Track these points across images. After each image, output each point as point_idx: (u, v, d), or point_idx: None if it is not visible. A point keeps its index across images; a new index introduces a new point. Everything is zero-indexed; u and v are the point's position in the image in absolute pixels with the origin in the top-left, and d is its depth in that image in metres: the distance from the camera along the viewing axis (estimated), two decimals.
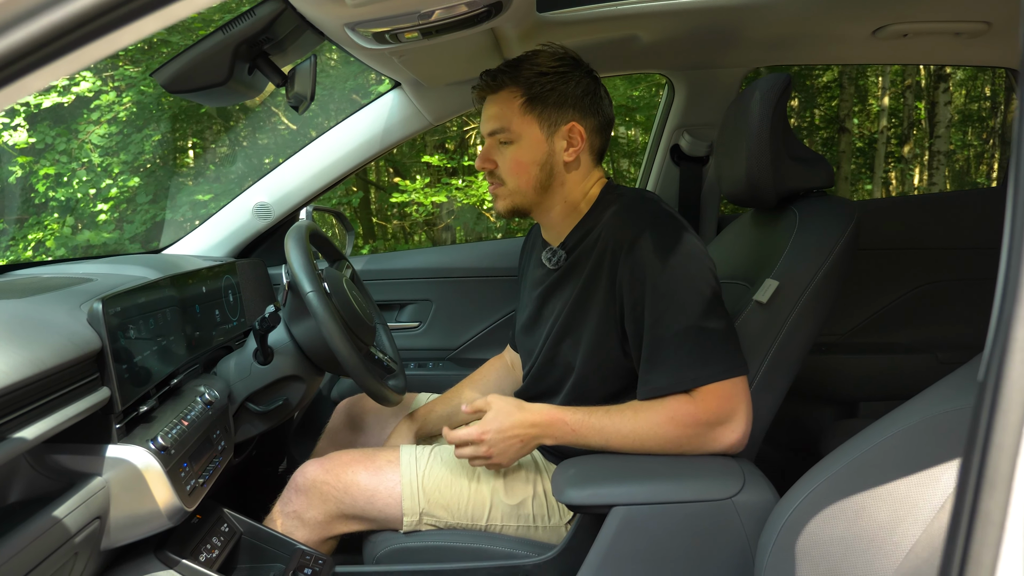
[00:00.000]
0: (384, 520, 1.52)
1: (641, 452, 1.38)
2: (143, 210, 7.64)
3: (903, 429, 1.08)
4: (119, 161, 7.63)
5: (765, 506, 1.29)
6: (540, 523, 1.52)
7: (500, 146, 1.51)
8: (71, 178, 7.51)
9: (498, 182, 1.53)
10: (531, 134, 1.48)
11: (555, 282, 1.57)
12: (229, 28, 1.20)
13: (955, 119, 11.57)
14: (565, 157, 1.50)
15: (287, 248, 1.51)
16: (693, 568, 1.32)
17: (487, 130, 1.51)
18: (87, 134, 7.45)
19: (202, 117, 8.60)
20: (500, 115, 1.49)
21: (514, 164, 1.49)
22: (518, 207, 1.54)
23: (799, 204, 1.59)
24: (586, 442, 1.40)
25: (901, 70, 10.73)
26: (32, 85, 0.61)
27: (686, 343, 1.34)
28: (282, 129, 8.77)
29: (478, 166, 1.55)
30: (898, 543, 1.03)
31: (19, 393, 0.95)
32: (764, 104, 1.52)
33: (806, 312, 1.45)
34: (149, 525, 1.20)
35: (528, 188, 1.50)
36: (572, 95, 1.48)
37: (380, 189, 9.80)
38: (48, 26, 0.59)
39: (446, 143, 9.27)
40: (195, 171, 8.71)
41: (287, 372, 1.58)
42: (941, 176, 9.04)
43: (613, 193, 1.54)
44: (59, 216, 7.55)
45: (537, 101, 1.47)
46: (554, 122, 1.48)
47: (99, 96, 7.47)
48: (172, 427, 1.26)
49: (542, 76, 1.46)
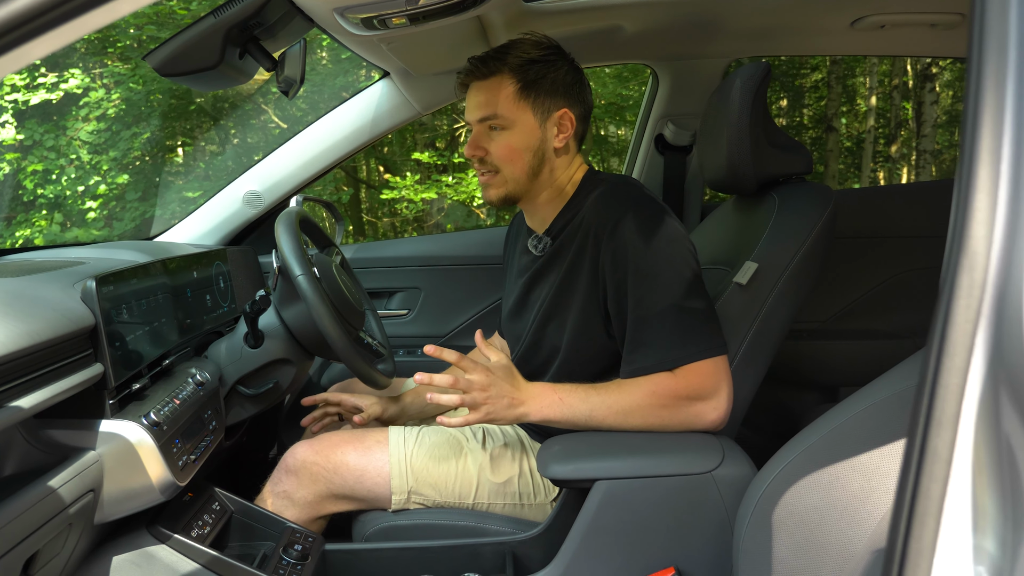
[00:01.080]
0: (373, 499, 1.55)
1: (624, 428, 1.41)
2: (132, 207, 7.62)
3: (874, 403, 1.11)
4: (108, 158, 7.61)
5: (744, 479, 1.32)
6: (526, 501, 1.55)
7: (491, 132, 1.51)
8: (60, 175, 7.48)
9: (489, 169, 1.53)
10: (525, 120, 1.49)
11: (540, 268, 1.59)
12: (220, 12, 1.23)
13: (941, 119, 11.65)
14: (556, 143, 1.53)
15: (277, 233, 1.53)
16: (673, 540, 1.35)
17: (477, 116, 1.51)
18: (76, 131, 7.43)
19: (191, 114, 8.58)
20: (492, 101, 1.49)
21: (507, 150, 1.50)
22: (510, 194, 1.54)
23: (779, 189, 1.62)
24: (571, 414, 1.41)
25: (888, 70, 10.81)
26: (34, 52, 0.63)
27: (667, 323, 1.37)
28: (272, 127, 8.76)
29: (468, 153, 1.54)
30: (871, 511, 1.07)
31: (15, 364, 0.97)
32: (745, 92, 1.56)
33: (785, 293, 1.48)
34: (142, 499, 1.23)
35: (521, 175, 1.51)
36: (563, 82, 1.52)
37: (370, 187, 9.81)
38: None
39: (436, 141, 9.28)
40: (185, 168, 8.69)
41: (277, 355, 1.60)
42: (928, 175, 9.11)
43: (596, 178, 1.57)
44: (47, 213, 7.52)
45: (531, 88, 1.48)
46: (547, 109, 1.50)
47: (88, 93, 7.45)
48: (164, 405, 1.28)
49: (533, 63, 1.48)
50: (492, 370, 1.39)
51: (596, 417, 1.41)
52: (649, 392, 1.38)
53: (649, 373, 1.39)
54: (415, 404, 1.78)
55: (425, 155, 8.20)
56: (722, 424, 1.41)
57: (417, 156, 8.23)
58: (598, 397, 1.41)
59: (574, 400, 1.41)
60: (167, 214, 7.79)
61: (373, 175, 9.87)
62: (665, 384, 1.38)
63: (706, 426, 1.40)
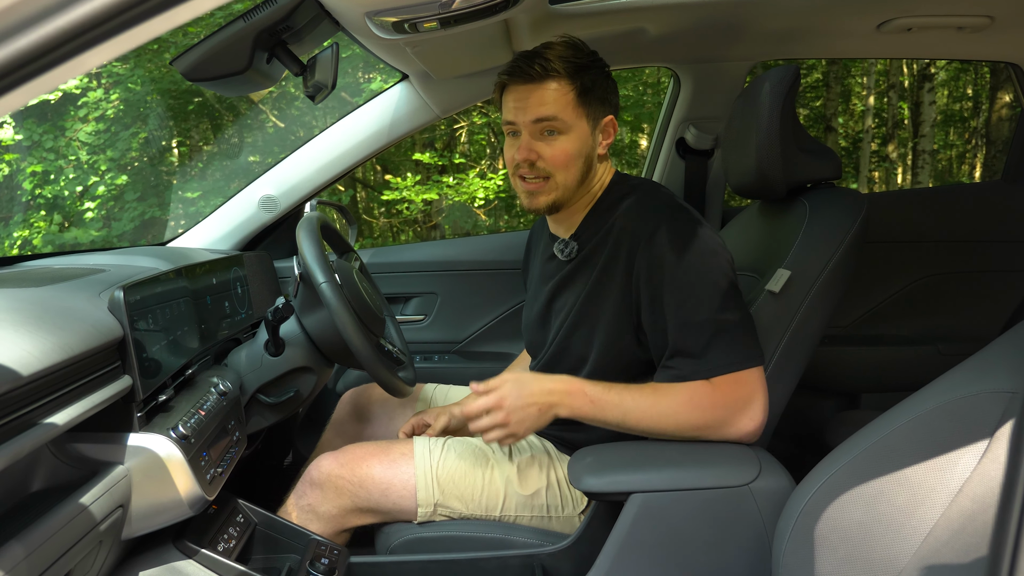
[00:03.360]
0: (398, 512, 1.53)
1: (656, 434, 1.38)
2: (131, 207, 7.56)
3: (919, 415, 1.09)
4: (107, 158, 7.55)
5: (782, 492, 1.30)
6: (554, 513, 1.53)
7: (545, 136, 1.46)
8: (58, 176, 7.43)
9: (539, 175, 1.48)
10: (580, 127, 1.46)
11: (568, 274, 1.56)
12: (250, 16, 1.20)
13: (937, 119, 11.67)
14: (600, 150, 1.51)
15: (299, 239, 1.50)
16: (711, 554, 1.33)
17: (532, 117, 1.45)
18: (74, 131, 7.37)
19: (190, 115, 8.53)
20: (551, 104, 1.43)
21: (564, 156, 1.45)
22: (558, 201, 1.50)
23: (808, 195, 1.60)
24: (603, 416, 1.38)
25: (885, 70, 10.82)
26: (90, 61, 0.61)
27: (706, 333, 1.35)
28: (270, 127, 8.72)
29: (521, 157, 1.47)
30: (916, 527, 1.05)
31: (49, 379, 0.95)
32: (774, 96, 1.54)
33: (817, 301, 1.46)
34: (170, 514, 1.20)
35: (573, 182, 1.48)
36: (611, 90, 1.51)
37: (367, 187, 9.77)
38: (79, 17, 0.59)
39: (435, 142, 9.25)
40: (183, 168, 8.64)
41: (298, 363, 1.57)
42: (926, 175, 9.12)
43: (625, 182, 1.55)
44: (46, 214, 7.47)
45: (587, 94, 1.45)
46: (598, 116, 1.49)
47: (86, 93, 7.40)
48: (190, 416, 1.25)
49: (587, 69, 1.45)
50: (503, 386, 1.39)
51: (630, 420, 1.37)
52: (686, 400, 1.35)
53: (686, 381, 1.37)
54: None
55: (425, 156, 8.17)
56: (756, 436, 1.38)
57: (418, 156, 8.20)
58: (632, 401, 1.37)
59: (606, 403, 1.37)
60: (166, 214, 7.74)
61: (368, 175, 9.83)
62: (703, 393, 1.35)
63: (740, 437, 1.38)
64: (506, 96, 1.50)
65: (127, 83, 7.60)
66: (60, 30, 0.59)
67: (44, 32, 0.58)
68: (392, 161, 9.21)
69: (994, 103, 9.78)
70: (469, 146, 9.49)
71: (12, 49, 0.58)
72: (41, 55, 0.59)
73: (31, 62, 0.59)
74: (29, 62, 0.59)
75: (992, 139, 10.02)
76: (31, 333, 0.96)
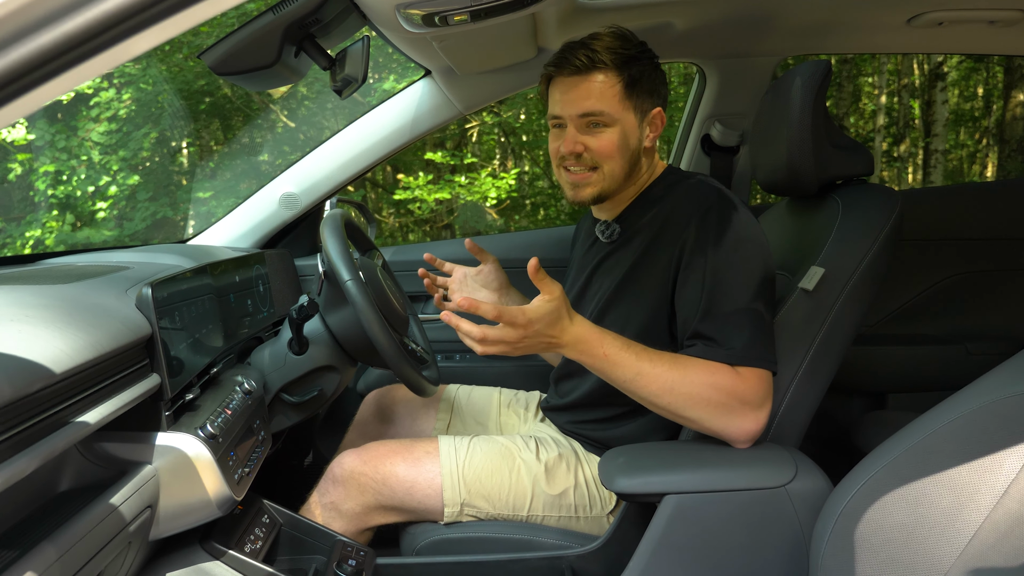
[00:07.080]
0: (423, 511, 1.51)
1: (661, 403, 1.29)
2: (143, 207, 7.56)
3: (962, 415, 1.07)
4: (118, 158, 7.55)
5: (819, 494, 1.27)
6: (582, 513, 1.50)
7: (591, 129, 1.45)
8: (71, 175, 7.44)
9: (586, 167, 1.48)
10: (628, 119, 1.46)
11: (607, 256, 1.56)
12: (279, 9, 1.18)
13: (948, 119, 11.61)
14: (646, 143, 1.50)
15: (323, 237, 1.48)
16: (746, 557, 1.30)
17: (578, 111, 1.44)
18: (87, 131, 7.38)
19: (201, 114, 8.54)
20: (598, 97, 1.42)
21: (611, 147, 1.45)
22: (604, 192, 1.50)
23: (840, 192, 1.58)
24: (613, 371, 1.29)
25: (896, 69, 10.76)
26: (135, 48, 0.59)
27: (739, 322, 1.32)
28: (280, 127, 8.72)
29: (567, 149, 1.46)
30: (961, 529, 1.03)
31: (81, 376, 0.93)
32: (806, 91, 1.51)
33: (851, 299, 1.44)
34: (198, 514, 1.18)
35: (620, 173, 1.48)
36: (660, 81, 1.49)
37: (377, 186, 9.76)
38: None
39: (446, 142, 9.24)
40: (195, 168, 8.65)
41: (322, 362, 1.56)
42: (938, 175, 9.05)
43: (679, 173, 1.55)
44: (58, 214, 7.47)
45: (634, 86, 1.44)
46: (646, 109, 1.48)
47: (99, 93, 7.41)
48: (217, 416, 1.24)
49: (634, 61, 1.44)
50: (535, 320, 1.21)
51: (638, 383, 1.29)
52: (706, 380, 1.28)
53: (712, 361, 1.31)
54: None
55: (437, 155, 8.15)
56: (754, 439, 1.33)
57: (429, 155, 8.19)
58: (650, 364, 1.28)
59: (621, 359, 1.28)
60: (178, 215, 7.75)
61: (379, 175, 9.82)
62: (726, 378, 1.29)
63: (741, 434, 1.31)
64: (552, 89, 1.49)
65: (139, 83, 7.61)
66: (79, 28, 0.57)
67: (61, 31, 0.57)
68: (403, 161, 9.20)
69: (1008, 101, 9.71)
70: (479, 146, 9.47)
71: (28, 50, 0.57)
72: (56, 56, 0.58)
73: (44, 65, 0.58)
74: (42, 64, 0.58)
75: (1006, 138, 9.95)
76: (61, 330, 0.94)
